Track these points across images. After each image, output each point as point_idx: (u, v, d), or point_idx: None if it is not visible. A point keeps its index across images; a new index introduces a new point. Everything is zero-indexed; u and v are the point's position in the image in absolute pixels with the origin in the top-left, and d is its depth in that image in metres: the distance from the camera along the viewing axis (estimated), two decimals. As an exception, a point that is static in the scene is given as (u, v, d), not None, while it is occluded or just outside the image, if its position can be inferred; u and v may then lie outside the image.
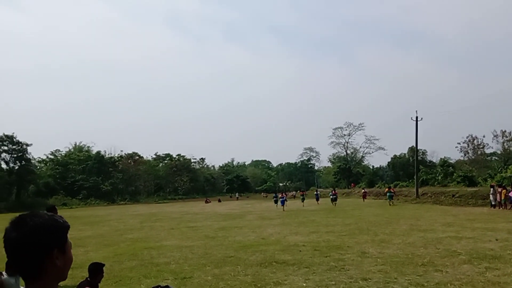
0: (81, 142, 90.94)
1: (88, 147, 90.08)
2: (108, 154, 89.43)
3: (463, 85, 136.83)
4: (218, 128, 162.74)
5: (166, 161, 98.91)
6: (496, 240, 12.68)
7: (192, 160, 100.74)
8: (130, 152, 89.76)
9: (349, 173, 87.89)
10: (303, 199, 45.57)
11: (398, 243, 12.64)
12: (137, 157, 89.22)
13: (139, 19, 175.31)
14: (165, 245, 14.57)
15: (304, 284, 7.69)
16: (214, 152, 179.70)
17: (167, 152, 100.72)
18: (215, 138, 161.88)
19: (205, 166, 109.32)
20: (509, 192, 26.55)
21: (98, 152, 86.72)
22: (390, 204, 36.79)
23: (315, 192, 51.54)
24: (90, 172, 79.93)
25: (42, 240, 1.34)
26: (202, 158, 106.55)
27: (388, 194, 39.97)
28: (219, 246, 13.65)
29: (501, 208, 26.48)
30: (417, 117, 45.80)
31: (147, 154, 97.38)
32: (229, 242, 14.56)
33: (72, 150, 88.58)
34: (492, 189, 29.14)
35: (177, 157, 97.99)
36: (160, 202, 74.35)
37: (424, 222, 18.87)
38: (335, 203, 39.34)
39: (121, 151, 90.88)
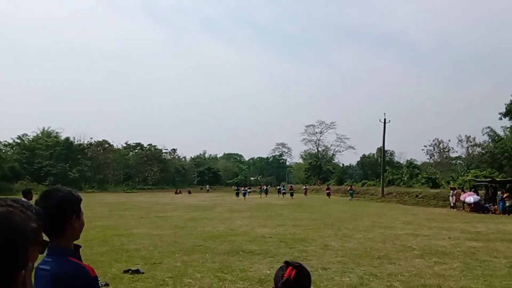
0: (49, 127, 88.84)
1: (57, 132, 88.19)
2: (78, 141, 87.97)
3: (434, 91, 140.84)
4: (191, 121, 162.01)
5: (136, 150, 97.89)
6: (449, 238, 13.59)
7: (164, 151, 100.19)
8: (100, 139, 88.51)
9: (320, 170, 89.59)
10: (266, 192, 53.53)
11: (359, 237, 13.41)
12: (107, 145, 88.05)
13: (116, 8, 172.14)
14: (135, 233, 14.87)
15: (268, 272, 8.24)
16: (186, 143, 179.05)
17: (138, 142, 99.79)
18: (187, 130, 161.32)
19: (177, 157, 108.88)
20: (463, 198, 27.86)
21: (67, 139, 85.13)
22: (350, 200, 41.89)
23: (278, 187, 59.51)
24: (58, 158, 78.48)
25: (64, 209, 1.91)
26: (173, 149, 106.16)
27: (349, 191, 46.05)
28: (189, 235, 14.06)
29: (459, 210, 27.86)
30: (385, 120, 47.27)
31: (118, 142, 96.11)
32: (198, 232, 15.00)
33: (40, 135, 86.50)
34: (452, 191, 30.62)
35: (148, 146, 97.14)
36: (129, 191, 73.78)
37: (386, 220, 19.82)
38: (293, 197, 45.98)
39: (91, 138, 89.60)
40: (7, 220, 0.91)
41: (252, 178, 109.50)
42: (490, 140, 66.11)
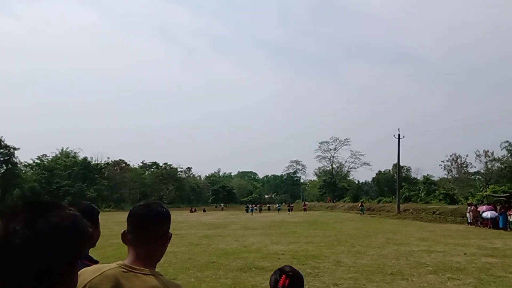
0: (68, 147, 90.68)
1: (75, 153, 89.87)
2: (95, 161, 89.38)
3: (448, 105, 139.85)
4: (205, 138, 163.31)
5: (152, 169, 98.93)
6: (465, 254, 13.47)
7: (179, 169, 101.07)
8: (117, 159, 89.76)
9: (334, 187, 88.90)
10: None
11: (373, 254, 13.38)
12: (124, 165, 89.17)
13: (129, 29, 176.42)
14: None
15: (280, 287, 8.32)
16: (201, 162, 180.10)
17: (153, 161, 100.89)
18: (202, 148, 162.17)
19: (191, 175, 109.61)
20: (481, 210, 27.49)
21: (85, 158, 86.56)
22: (361, 216, 43.72)
23: (277, 205, 70.79)
24: (76, 178, 79.67)
25: (86, 219, 2.15)
26: (188, 168, 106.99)
27: (360, 207, 47.35)
28: (203, 252, 14.22)
29: (476, 226, 27.43)
30: (399, 135, 47.06)
31: (134, 161, 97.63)
32: (212, 249, 15.14)
33: (59, 155, 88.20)
34: (469, 207, 30.18)
35: (163, 165, 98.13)
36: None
37: (400, 237, 19.66)
38: (290, 213, 54.73)
39: (108, 158, 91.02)
40: (79, 222, 1.06)
41: (266, 196, 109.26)
42: (509, 155, 65.03)
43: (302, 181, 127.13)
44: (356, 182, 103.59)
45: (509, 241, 17.96)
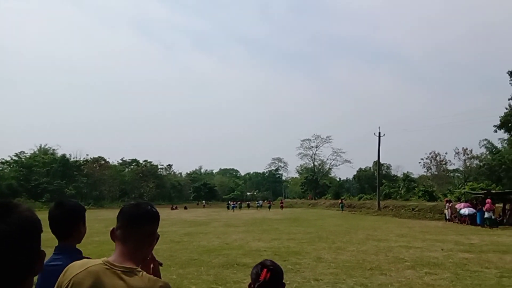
0: (46, 144, 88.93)
1: (53, 149, 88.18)
2: (74, 158, 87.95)
3: (428, 104, 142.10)
4: (186, 134, 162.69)
5: (132, 167, 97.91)
6: (442, 250, 13.76)
7: (159, 166, 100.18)
8: (96, 156, 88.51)
9: (316, 184, 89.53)
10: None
11: (352, 250, 13.58)
12: (103, 162, 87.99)
13: (106, 22, 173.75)
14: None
15: (261, 283, 8.39)
16: (182, 159, 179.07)
17: (133, 158, 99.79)
18: (183, 144, 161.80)
19: (172, 172, 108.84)
20: (458, 207, 28.08)
21: (63, 155, 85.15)
22: (341, 212, 44.95)
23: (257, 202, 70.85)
24: (55, 175, 78.34)
25: (74, 216, 2.34)
26: (169, 165, 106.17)
27: (340, 205, 49.13)
28: (184, 249, 14.20)
29: (454, 222, 27.99)
30: (379, 133, 47.69)
31: (113, 159, 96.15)
32: (194, 246, 15.14)
33: (37, 152, 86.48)
34: (447, 204, 30.80)
35: (143, 162, 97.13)
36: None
37: (380, 233, 19.97)
38: (270, 210, 55.10)
39: (87, 155, 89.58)
40: (33, 215, 1.12)
41: (248, 193, 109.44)
42: (487, 153, 66.37)
43: (284, 178, 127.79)
44: (338, 180, 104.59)
45: (486, 237, 18.38)
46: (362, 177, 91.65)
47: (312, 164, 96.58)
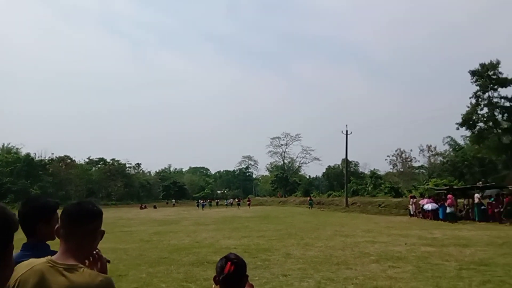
0: (9, 143, 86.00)
1: (17, 148, 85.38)
2: (38, 157, 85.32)
3: (395, 102, 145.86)
4: (156, 133, 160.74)
5: (99, 166, 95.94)
6: (405, 244, 14.26)
7: (127, 165, 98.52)
8: (62, 155, 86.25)
9: (286, 182, 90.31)
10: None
11: (320, 246, 13.91)
12: (69, 161, 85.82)
13: (72, 19, 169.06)
14: (100, 247, 14.75)
15: (231, 280, 8.53)
16: (151, 158, 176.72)
17: (100, 156, 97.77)
18: (152, 143, 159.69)
19: (141, 171, 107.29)
20: (422, 203, 29.06)
21: (28, 154, 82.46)
22: (310, 209, 46.58)
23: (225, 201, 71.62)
24: (19, 175, 75.83)
25: (35, 214, 2.37)
26: (137, 163, 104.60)
27: (309, 202, 50.60)
28: (154, 248, 14.16)
29: (418, 218, 28.89)
30: (347, 131, 48.60)
31: (80, 157, 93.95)
32: (164, 245, 15.10)
33: (0, 151, 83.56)
34: (412, 199, 31.78)
35: (111, 161, 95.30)
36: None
37: (347, 229, 20.46)
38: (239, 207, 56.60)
39: (52, 154, 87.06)
40: (4, 210, 1.24)
41: (219, 192, 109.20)
42: (451, 149, 68.69)
43: (254, 176, 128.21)
44: (307, 177, 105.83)
45: (448, 231, 19.09)
46: (331, 175, 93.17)
47: (282, 162, 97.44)
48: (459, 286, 7.89)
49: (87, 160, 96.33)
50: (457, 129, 47.51)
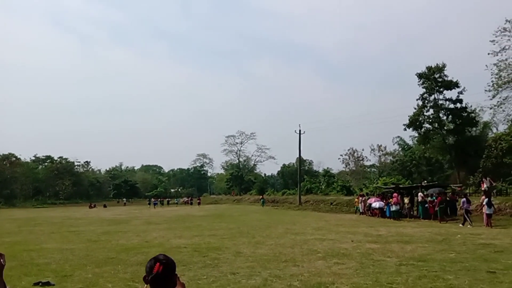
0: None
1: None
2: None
3: (346, 100, 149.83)
4: (106, 129, 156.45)
5: (46, 164, 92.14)
6: (352, 241, 14.78)
7: (76, 163, 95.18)
8: (6, 153, 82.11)
9: (241, 180, 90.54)
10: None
11: (271, 244, 14.15)
12: (14, 159, 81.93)
13: (18, 13, 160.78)
14: (45, 247, 14.38)
15: (179, 279, 8.55)
16: (101, 155, 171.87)
17: (47, 154, 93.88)
18: (102, 140, 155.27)
19: (90, 169, 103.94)
20: (369, 202, 30.14)
21: (-31, 152, 78.07)
22: (262, 207, 48.07)
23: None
24: (-42, 173, 71.67)
25: None
26: (86, 161, 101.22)
27: (261, 200, 52.29)
28: (101, 249, 13.86)
29: (367, 215, 29.93)
30: (300, 130, 49.45)
31: (25, 155, 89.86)
32: (112, 245, 14.81)
33: None
34: (361, 197, 32.86)
35: (58, 159, 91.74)
36: (39, 206, 69.37)
37: (298, 227, 20.90)
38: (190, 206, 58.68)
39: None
40: None
41: (172, 190, 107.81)
42: (400, 149, 71.31)
43: (209, 174, 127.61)
44: (263, 175, 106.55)
45: (393, 228, 19.92)
46: (285, 173, 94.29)
47: (237, 160, 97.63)
48: (397, 281, 8.29)
49: (33, 158, 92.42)
50: (404, 129, 49.35)
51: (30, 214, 43.31)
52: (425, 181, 35.35)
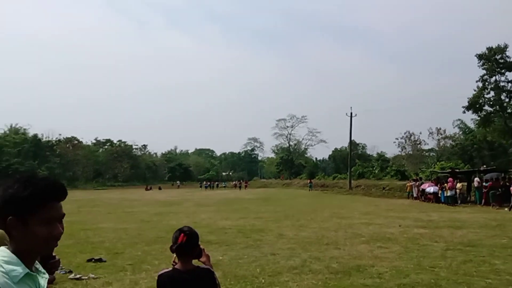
0: (17, 124, 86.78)
1: (25, 129, 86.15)
2: (46, 138, 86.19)
3: (401, 82, 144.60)
4: (161, 114, 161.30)
5: (106, 147, 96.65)
6: (399, 226, 14.48)
7: (134, 147, 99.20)
8: (69, 136, 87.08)
9: (292, 164, 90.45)
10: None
11: (314, 227, 14.18)
12: (76, 142, 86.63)
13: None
14: (101, 227, 15.26)
15: (221, 257, 8.86)
16: (157, 139, 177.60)
17: (107, 138, 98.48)
18: (158, 124, 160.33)
19: (147, 153, 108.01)
20: (423, 187, 29.17)
21: (35, 135, 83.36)
22: (310, 191, 48.07)
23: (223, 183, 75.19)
24: (26, 156, 76.93)
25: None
26: (144, 145, 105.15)
27: (309, 184, 52.25)
28: (153, 228, 14.54)
29: (421, 200, 29.04)
30: (351, 113, 48.48)
31: (87, 139, 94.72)
32: (163, 225, 15.47)
33: (8, 132, 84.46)
34: (414, 182, 31.92)
35: (118, 142, 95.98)
36: (99, 188, 73.05)
37: (345, 211, 20.72)
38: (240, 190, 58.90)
39: (60, 134, 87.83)
40: (15, 189, 1.39)
41: (224, 173, 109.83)
42: (460, 132, 68.09)
43: (260, 158, 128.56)
44: (313, 159, 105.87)
45: (446, 214, 19.29)
46: (337, 157, 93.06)
47: (288, 144, 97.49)
48: (440, 265, 8.11)
49: (94, 141, 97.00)
50: (464, 112, 47.14)
51: (90, 195, 45.85)
52: (484, 166, 33.70)
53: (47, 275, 1.54)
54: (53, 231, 1.42)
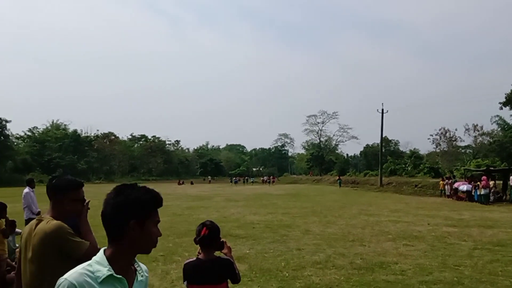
0: (58, 119, 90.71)
1: (65, 125, 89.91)
2: (85, 133, 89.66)
3: (435, 77, 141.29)
4: (194, 109, 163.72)
5: (141, 142, 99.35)
6: (428, 224, 14.40)
7: (167, 142, 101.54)
8: (106, 131, 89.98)
9: (322, 160, 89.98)
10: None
11: (341, 224, 14.31)
12: (113, 137, 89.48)
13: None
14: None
15: (248, 251, 9.20)
16: (189, 134, 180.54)
17: (142, 133, 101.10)
18: (190, 119, 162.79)
19: (180, 148, 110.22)
20: (456, 185, 28.55)
21: (75, 131, 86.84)
22: (339, 188, 47.69)
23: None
24: (67, 150, 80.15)
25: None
26: (177, 140, 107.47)
27: (338, 181, 52.18)
28: (184, 222, 15.07)
29: (453, 199, 28.46)
30: (382, 110, 47.75)
31: (123, 134, 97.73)
32: (193, 219, 15.98)
33: (50, 127, 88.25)
34: (447, 180, 31.25)
35: (152, 138, 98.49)
36: (134, 182, 75.08)
37: (374, 208, 20.66)
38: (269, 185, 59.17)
39: (97, 130, 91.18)
40: (137, 195, 1.70)
41: (254, 169, 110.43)
42: (499, 129, 65.75)
43: (290, 154, 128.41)
44: (344, 156, 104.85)
45: (478, 212, 18.89)
46: (368, 153, 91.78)
47: (318, 140, 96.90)
48: (465, 264, 8.15)
49: (129, 137, 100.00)
50: (501, 108, 45.79)
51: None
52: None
53: (145, 275, 1.79)
54: (159, 232, 1.71)
